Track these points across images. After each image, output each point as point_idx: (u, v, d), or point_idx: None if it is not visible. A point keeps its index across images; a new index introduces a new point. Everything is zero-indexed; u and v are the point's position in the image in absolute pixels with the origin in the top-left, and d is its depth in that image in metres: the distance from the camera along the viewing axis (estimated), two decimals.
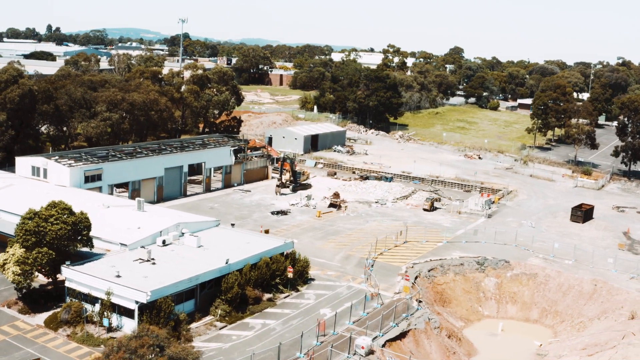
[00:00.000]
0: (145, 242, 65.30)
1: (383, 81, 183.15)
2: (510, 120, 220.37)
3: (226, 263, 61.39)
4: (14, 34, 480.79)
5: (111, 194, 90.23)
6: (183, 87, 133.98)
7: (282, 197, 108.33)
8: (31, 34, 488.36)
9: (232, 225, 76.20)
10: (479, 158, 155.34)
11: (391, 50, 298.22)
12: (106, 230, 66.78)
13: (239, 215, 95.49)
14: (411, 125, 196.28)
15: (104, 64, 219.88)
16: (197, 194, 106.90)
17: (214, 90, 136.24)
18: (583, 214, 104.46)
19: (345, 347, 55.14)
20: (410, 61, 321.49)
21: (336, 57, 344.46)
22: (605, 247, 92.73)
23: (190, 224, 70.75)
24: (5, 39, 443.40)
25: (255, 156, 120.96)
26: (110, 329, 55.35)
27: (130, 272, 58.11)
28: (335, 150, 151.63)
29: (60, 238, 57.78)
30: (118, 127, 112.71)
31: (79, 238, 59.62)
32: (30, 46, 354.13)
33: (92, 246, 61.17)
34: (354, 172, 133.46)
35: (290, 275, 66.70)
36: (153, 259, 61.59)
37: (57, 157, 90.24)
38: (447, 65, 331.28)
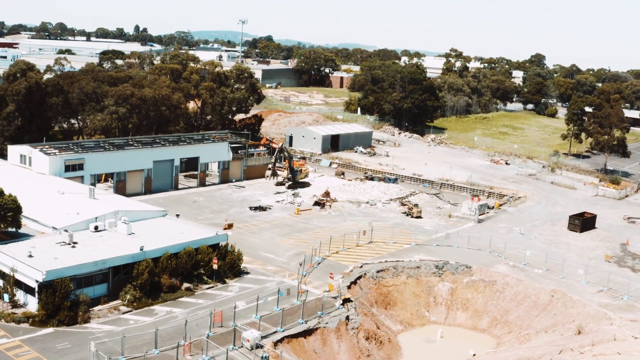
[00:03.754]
0: (78, 227, 67.48)
1: (419, 83, 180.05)
2: (562, 127, 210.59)
3: (140, 250, 62.61)
4: (102, 33, 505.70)
5: (93, 183, 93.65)
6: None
7: (272, 193, 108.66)
8: (119, 34, 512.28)
9: (177, 216, 77.42)
10: (506, 163, 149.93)
11: (453, 54, 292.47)
12: (46, 213, 69.70)
13: (216, 209, 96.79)
14: (451, 129, 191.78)
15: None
16: (190, 187, 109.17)
17: (231, 88, 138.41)
18: (581, 222, 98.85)
19: (232, 340, 55.01)
20: (473, 65, 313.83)
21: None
22: (591, 258, 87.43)
23: (132, 213, 72.48)
24: (93, 38, 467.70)
25: (258, 153, 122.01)
26: (15, 305, 57.93)
27: (45, 254, 60.35)
28: (356, 151, 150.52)
29: None
30: (126, 121, 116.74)
31: (5, 219, 62.60)
32: (110, 45, 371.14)
33: (18, 227, 64.02)
34: (365, 173, 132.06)
35: (215, 266, 67.15)
36: (75, 242, 63.64)
37: (44, 146, 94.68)
38: (514, 71, 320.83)
